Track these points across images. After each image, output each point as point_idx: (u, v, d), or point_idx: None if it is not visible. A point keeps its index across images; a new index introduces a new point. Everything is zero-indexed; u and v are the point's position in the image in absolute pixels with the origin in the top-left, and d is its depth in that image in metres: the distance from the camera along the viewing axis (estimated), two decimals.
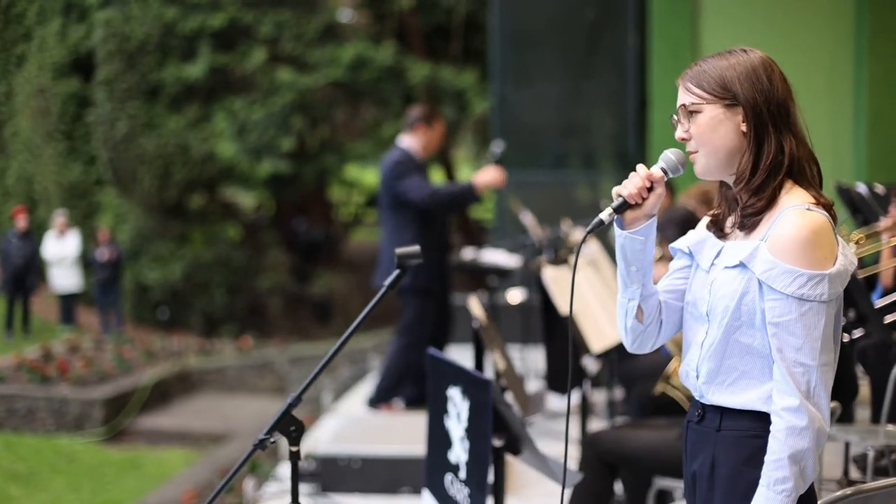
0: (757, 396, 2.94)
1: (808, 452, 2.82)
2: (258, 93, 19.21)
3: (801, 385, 2.83)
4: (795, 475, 2.83)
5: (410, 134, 8.96)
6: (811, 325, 2.84)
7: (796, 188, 2.95)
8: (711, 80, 2.99)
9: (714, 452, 3.02)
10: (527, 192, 14.24)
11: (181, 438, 14.63)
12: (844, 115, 13.00)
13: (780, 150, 2.93)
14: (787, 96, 2.97)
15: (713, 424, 3.03)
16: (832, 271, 2.83)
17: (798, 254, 2.84)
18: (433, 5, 21.66)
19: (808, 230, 2.84)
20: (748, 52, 3.01)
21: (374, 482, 7.36)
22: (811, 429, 2.82)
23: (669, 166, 3.07)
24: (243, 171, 19.75)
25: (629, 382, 7.32)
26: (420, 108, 9.23)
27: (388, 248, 9.02)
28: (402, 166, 8.75)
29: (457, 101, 20.19)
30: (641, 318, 3.15)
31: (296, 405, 3.30)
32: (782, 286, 2.85)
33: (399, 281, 3.41)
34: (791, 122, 2.95)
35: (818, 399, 2.84)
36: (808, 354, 2.84)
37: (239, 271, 19.96)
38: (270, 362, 17.41)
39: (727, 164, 3.00)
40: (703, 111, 3.00)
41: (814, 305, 2.83)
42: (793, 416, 2.83)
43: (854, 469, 6.86)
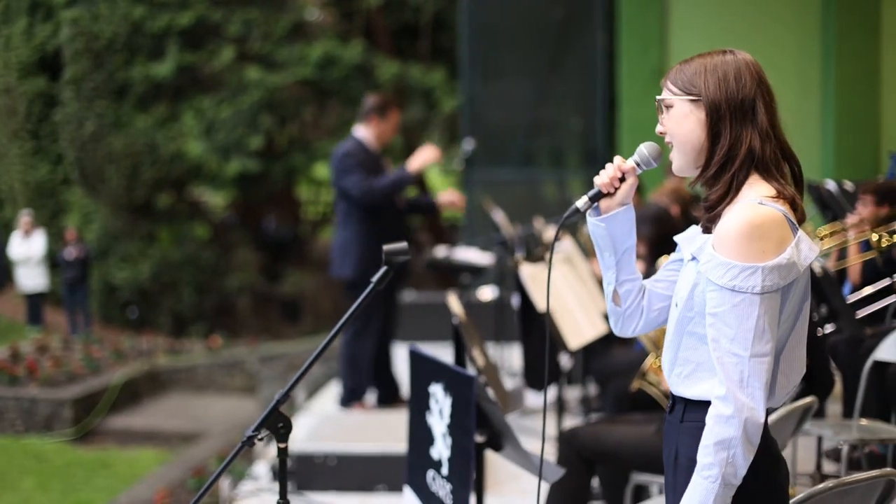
0: (712, 387, 2.97)
1: (736, 441, 2.85)
2: (226, 91, 19.16)
3: (733, 375, 2.87)
4: (721, 462, 2.86)
5: (364, 124, 8.94)
6: (744, 316, 2.87)
7: (760, 182, 2.99)
8: (684, 77, 3.08)
9: (677, 442, 3.09)
10: (495, 190, 14.27)
11: (151, 438, 14.60)
12: (812, 114, 13.09)
13: (737, 143, 2.99)
14: (757, 96, 3.02)
15: (678, 415, 3.10)
16: (768, 264, 2.86)
17: (733, 246, 2.89)
18: (401, 3, 21.65)
19: (748, 223, 2.88)
20: (730, 54, 3.08)
21: (349, 480, 7.37)
22: (738, 418, 2.84)
23: (641, 159, 3.19)
24: (211, 170, 19.70)
25: (604, 379, 7.36)
26: (374, 97, 9.14)
27: (338, 238, 9.05)
28: (348, 160, 8.74)
29: (425, 99, 20.20)
30: (619, 302, 3.27)
31: (284, 401, 3.31)
32: (716, 277, 2.90)
33: (387, 278, 3.42)
34: (756, 121, 3.00)
35: (752, 389, 2.86)
36: (740, 345, 2.87)
37: (207, 270, 19.91)
38: (240, 361, 17.37)
39: (695, 158, 3.07)
40: (674, 106, 3.09)
41: (746, 297, 2.86)
42: (721, 405, 2.87)
43: (827, 463, 6.93)
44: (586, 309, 6.87)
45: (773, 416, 4.26)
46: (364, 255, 8.77)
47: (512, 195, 14.78)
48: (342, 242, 8.95)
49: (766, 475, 3.01)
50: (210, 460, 11.95)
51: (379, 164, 8.95)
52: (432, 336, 10.68)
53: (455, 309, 5.32)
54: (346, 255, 8.89)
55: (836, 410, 7.65)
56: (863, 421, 6.44)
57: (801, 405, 4.61)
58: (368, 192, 8.65)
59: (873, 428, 6.30)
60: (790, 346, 3.04)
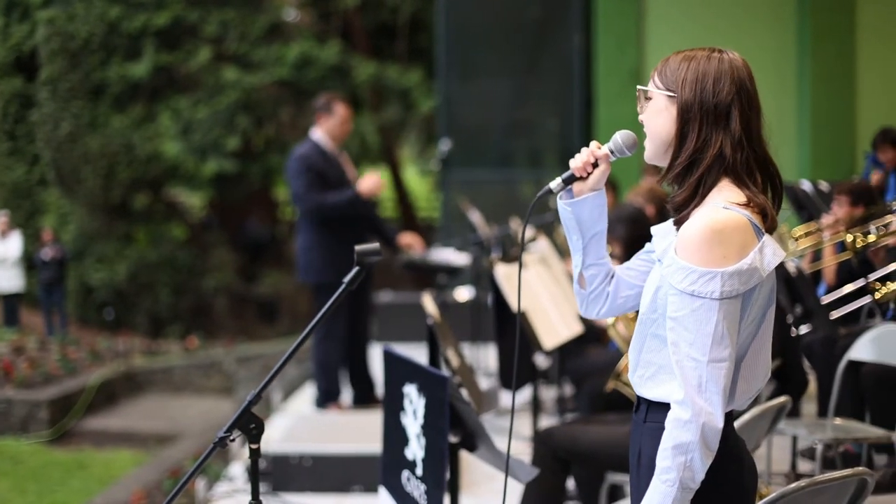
0: (673, 390, 2.96)
1: (693, 446, 2.85)
2: (203, 92, 19.13)
3: (692, 379, 2.86)
4: (679, 467, 2.86)
5: (316, 125, 8.97)
6: (702, 321, 2.86)
7: (730, 187, 2.98)
8: (668, 72, 3.07)
9: (640, 442, 3.09)
10: (472, 190, 14.28)
11: (128, 439, 14.55)
12: (788, 114, 13.14)
13: (704, 147, 2.98)
14: (734, 102, 2.99)
15: (642, 415, 3.10)
16: (728, 269, 2.85)
17: (694, 251, 2.88)
18: (378, 4, 21.65)
19: (709, 228, 2.87)
20: (717, 53, 3.06)
21: (325, 481, 7.36)
22: (696, 423, 2.84)
23: (616, 147, 3.21)
24: (188, 171, 19.67)
25: (579, 379, 7.37)
26: (320, 97, 9.17)
27: (299, 242, 9.06)
28: (300, 162, 8.75)
29: (402, 99, 20.20)
30: (584, 285, 3.29)
31: (256, 402, 3.31)
32: (676, 282, 2.89)
33: (359, 278, 3.42)
34: (728, 127, 2.99)
35: (709, 394, 2.85)
36: (699, 350, 2.86)
37: (184, 271, 19.87)
38: (217, 362, 17.34)
39: (663, 151, 3.08)
40: (653, 98, 3.10)
41: (705, 302, 2.85)
42: (679, 409, 2.87)
43: (802, 462, 6.95)
44: (561, 309, 6.87)
45: (745, 416, 4.27)
46: (325, 258, 8.79)
47: (489, 195, 14.80)
48: (304, 247, 8.98)
49: (730, 479, 3.01)
50: (186, 461, 11.93)
51: (337, 165, 8.94)
52: (409, 337, 10.69)
53: (429, 309, 5.32)
54: (308, 260, 8.91)
55: (810, 410, 7.68)
56: (837, 420, 6.46)
57: (775, 404, 4.62)
58: (317, 207, 8.70)
59: (848, 427, 6.32)
60: (753, 352, 3.03)
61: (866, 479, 3.40)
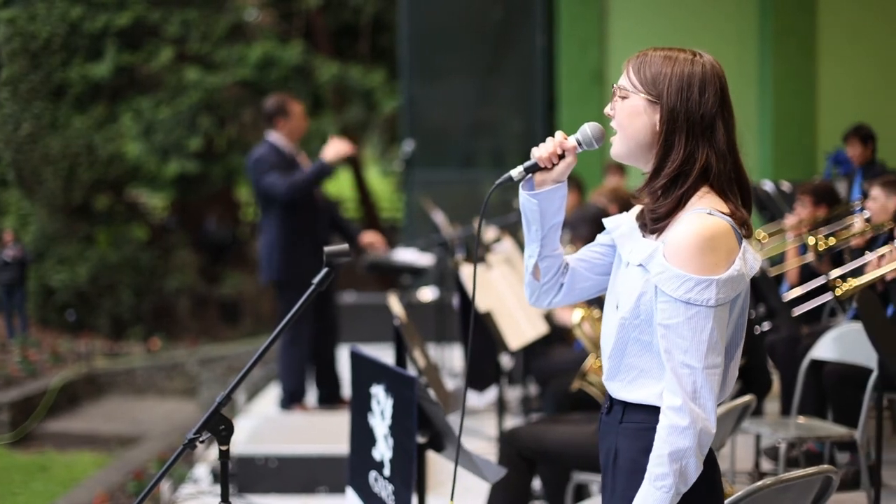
0: (654, 392, 3.00)
1: (690, 452, 2.87)
2: (165, 92, 19.04)
3: (687, 386, 2.87)
4: (675, 473, 2.88)
5: (273, 129, 8.97)
6: (698, 329, 2.88)
7: (711, 195, 2.98)
8: (648, 72, 3.03)
9: (616, 443, 3.09)
10: (435, 191, 14.28)
11: (90, 442, 14.48)
12: (750, 115, 13.21)
13: (690, 159, 2.97)
14: (718, 114, 2.99)
15: (617, 417, 3.10)
16: (722, 277, 2.87)
17: (687, 258, 2.88)
18: (341, 4, 21.62)
19: (700, 236, 2.88)
20: (699, 57, 3.05)
21: (291, 482, 7.36)
22: (693, 429, 2.86)
23: (584, 139, 3.15)
24: (150, 172, 19.57)
25: (544, 379, 7.39)
26: (271, 100, 9.13)
27: (263, 243, 9.07)
28: (260, 164, 8.77)
29: (365, 100, 20.19)
30: (538, 276, 3.26)
31: (225, 404, 3.30)
32: (671, 290, 2.89)
33: (328, 279, 3.42)
34: (714, 138, 2.98)
35: (704, 401, 2.88)
36: (694, 357, 2.87)
37: (146, 272, 19.77)
38: (180, 364, 17.28)
39: (638, 153, 3.06)
40: (629, 98, 3.05)
41: (701, 310, 2.87)
42: (676, 416, 2.88)
43: (765, 461, 6.99)
44: (526, 309, 6.89)
45: None
46: (286, 257, 8.80)
47: (452, 196, 14.80)
48: (266, 246, 8.98)
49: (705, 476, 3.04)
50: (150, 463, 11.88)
51: (295, 164, 8.95)
52: (373, 337, 10.68)
53: (396, 310, 5.33)
54: (269, 259, 8.92)
55: (773, 408, 7.73)
56: (800, 419, 6.51)
57: (740, 403, 4.65)
58: (290, 187, 8.68)
59: (810, 426, 6.37)
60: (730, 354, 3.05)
61: (831, 477, 3.43)
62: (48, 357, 17.10)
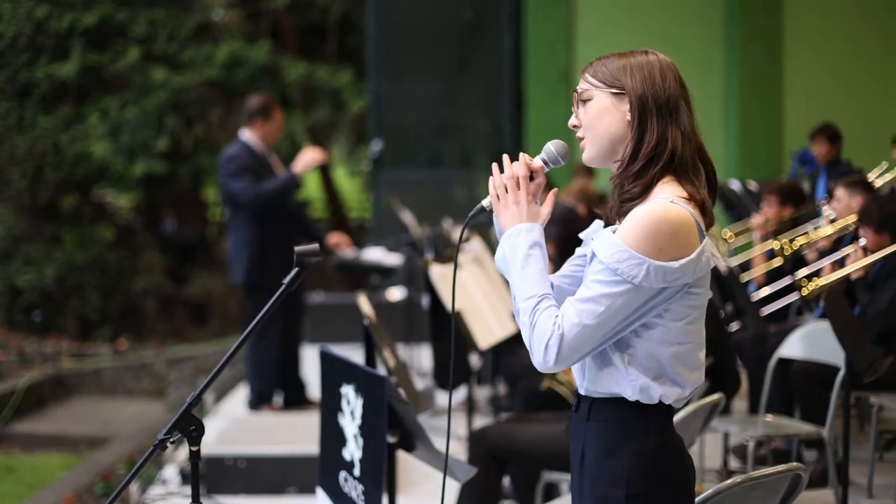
0: (616, 384, 3.03)
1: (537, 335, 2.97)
2: (132, 92, 18.95)
3: (570, 317, 2.93)
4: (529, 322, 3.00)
5: (249, 127, 8.95)
6: (606, 294, 2.91)
7: (673, 183, 3.01)
8: (607, 70, 3.08)
9: (584, 441, 3.11)
10: (403, 191, 14.31)
11: (58, 443, 14.39)
12: (716, 114, 13.28)
13: (662, 140, 3.01)
14: (680, 95, 3.04)
15: (584, 414, 3.12)
16: (656, 263, 2.89)
17: (631, 233, 2.91)
18: (308, 4, 21.57)
19: (656, 217, 2.91)
20: (650, 54, 3.10)
21: (260, 482, 7.35)
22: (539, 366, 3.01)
23: (549, 157, 3.18)
24: (117, 172, 19.48)
25: (513, 378, 7.40)
26: (257, 99, 9.13)
27: (232, 244, 9.05)
28: (232, 163, 8.76)
29: (333, 100, 20.15)
30: None
31: (196, 404, 3.31)
32: (603, 255, 2.92)
33: (299, 279, 3.42)
34: (678, 119, 3.02)
35: (564, 351, 2.94)
36: (587, 315, 2.92)
37: (113, 273, 19.68)
38: (147, 364, 17.21)
39: (611, 151, 3.08)
40: (594, 98, 3.08)
41: (622, 281, 2.89)
42: (540, 352, 3.00)
43: (733, 459, 7.03)
44: (496, 309, 6.91)
45: (680, 414, 4.32)
46: (254, 258, 8.79)
47: (420, 196, 14.82)
48: (233, 247, 8.97)
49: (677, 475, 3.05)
50: (118, 465, 11.83)
51: (266, 165, 8.95)
52: (341, 338, 10.69)
53: (365, 310, 5.33)
54: (237, 260, 8.90)
55: (741, 407, 7.77)
56: (768, 417, 6.55)
57: (709, 402, 4.67)
58: (256, 197, 8.68)
59: (778, 424, 6.41)
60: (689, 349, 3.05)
61: (800, 475, 3.45)
62: (15, 358, 16.99)
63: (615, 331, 2.95)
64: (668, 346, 3.00)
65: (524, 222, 3.08)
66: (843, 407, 5.58)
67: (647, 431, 3.02)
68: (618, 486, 3.02)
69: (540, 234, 3.09)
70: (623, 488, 3.01)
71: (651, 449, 3.02)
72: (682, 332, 3.01)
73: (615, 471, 3.03)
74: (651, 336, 2.99)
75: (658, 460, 3.02)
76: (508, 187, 3.11)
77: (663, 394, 3.01)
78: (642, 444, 3.02)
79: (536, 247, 3.06)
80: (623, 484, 3.01)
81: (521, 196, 3.10)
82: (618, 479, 3.02)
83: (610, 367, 3.04)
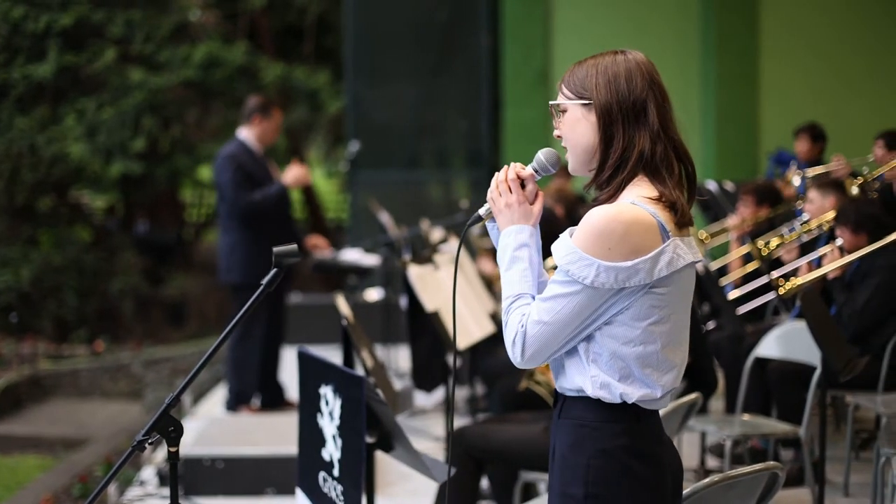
0: (580, 378, 3.05)
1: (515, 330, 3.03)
2: (109, 93, 18.88)
3: (532, 315, 3.00)
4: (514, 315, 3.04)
5: (247, 126, 8.98)
6: (563, 294, 2.97)
7: (643, 183, 3.04)
8: (576, 81, 3.11)
9: (556, 438, 3.15)
10: (381, 192, 14.30)
11: (35, 445, 14.35)
12: (693, 114, 13.32)
13: (630, 146, 3.03)
14: (648, 97, 3.05)
15: (558, 412, 3.15)
16: (608, 264, 2.92)
17: (583, 236, 2.96)
18: (285, 5, 21.54)
19: (607, 219, 2.94)
20: (622, 55, 3.11)
21: (238, 484, 7.33)
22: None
23: (539, 166, 3.21)
24: (94, 173, 19.40)
25: (491, 379, 7.41)
26: (256, 98, 9.22)
27: (222, 242, 9.05)
28: (230, 161, 8.79)
29: (310, 101, 20.11)
30: None
31: (174, 405, 3.31)
32: (558, 257, 2.98)
33: (277, 280, 3.43)
34: (646, 120, 3.04)
35: (527, 344, 3.01)
36: (545, 313, 2.98)
37: (90, 274, 19.61)
38: (124, 365, 17.17)
39: (587, 160, 3.12)
40: (568, 110, 3.13)
41: (574, 283, 2.95)
42: (512, 345, 3.06)
43: (711, 458, 7.06)
44: (473, 309, 6.92)
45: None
46: (250, 258, 8.77)
47: (397, 197, 14.83)
48: (227, 246, 8.95)
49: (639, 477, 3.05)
50: (96, 466, 11.80)
51: (263, 165, 8.96)
52: (318, 339, 10.68)
53: (343, 311, 5.33)
54: (232, 260, 8.89)
55: (718, 406, 7.80)
56: (745, 416, 6.58)
57: (686, 402, 4.69)
58: (248, 206, 8.70)
59: (755, 423, 6.44)
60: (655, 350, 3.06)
61: (777, 474, 3.47)
62: None
63: (579, 329, 3.00)
64: (633, 345, 3.01)
65: (515, 224, 3.15)
66: (820, 406, 5.60)
67: (614, 431, 3.04)
68: (578, 485, 3.04)
69: (530, 235, 3.15)
70: (582, 487, 3.03)
71: (615, 448, 3.03)
72: (647, 333, 3.02)
73: (577, 468, 3.04)
74: (615, 334, 3.01)
75: (622, 461, 3.02)
76: (501, 191, 3.17)
77: (624, 392, 3.02)
78: (607, 444, 3.03)
79: (523, 248, 3.12)
80: (582, 483, 3.03)
81: (513, 199, 3.16)
82: (578, 478, 3.04)
83: (576, 361, 3.07)
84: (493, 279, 8.05)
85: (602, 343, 3.02)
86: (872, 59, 13.55)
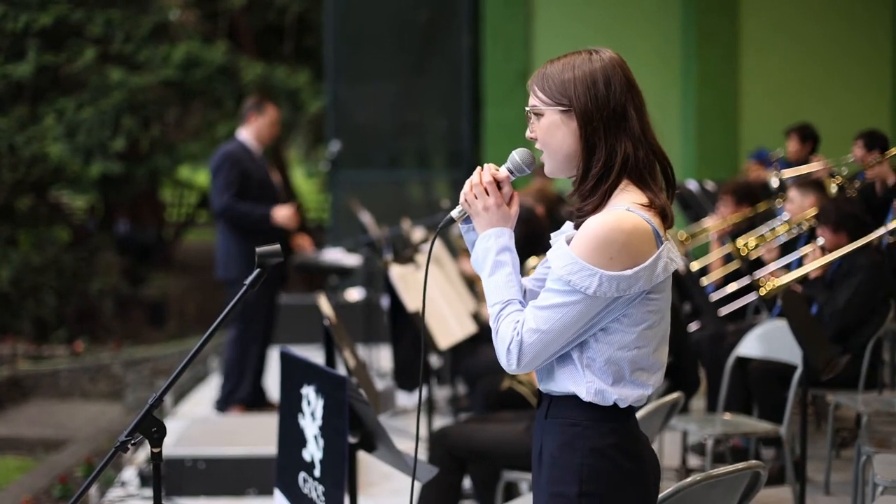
0: (573, 383, 3.05)
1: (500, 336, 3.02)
2: (88, 93, 18.82)
3: (529, 323, 2.98)
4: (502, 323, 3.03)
5: (245, 125, 9.06)
6: (560, 304, 2.95)
7: (631, 189, 3.03)
8: (552, 84, 3.08)
9: (542, 439, 3.14)
10: (362, 192, 14.28)
11: (14, 446, 14.29)
12: (673, 114, 13.34)
13: (612, 155, 3.01)
14: (627, 101, 3.03)
15: (544, 412, 3.15)
16: (608, 273, 2.91)
17: (584, 245, 2.94)
18: (265, 4, 21.51)
19: (608, 227, 2.93)
20: (595, 54, 3.08)
21: (219, 484, 7.31)
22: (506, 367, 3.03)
23: (514, 167, 3.18)
24: (73, 173, 19.34)
25: (473, 378, 7.41)
26: (251, 98, 9.44)
27: (220, 241, 9.06)
28: (224, 159, 8.86)
29: (290, 100, 20.08)
30: None
31: (157, 406, 3.29)
32: (557, 266, 2.96)
33: (260, 280, 3.42)
34: (628, 125, 3.02)
35: (524, 354, 2.99)
36: (542, 321, 2.96)
37: (69, 274, 19.55)
38: (104, 366, 17.11)
39: (567, 165, 3.10)
40: (545, 114, 3.09)
41: (575, 292, 2.93)
42: (504, 354, 3.02)
43: (692, 457, 7.07)
44: (455, 309, 6.91)
45: (640, 413, 4.33)
46: (242, 256, 8.79)
47: (378, 196, 14.80)
48: (222, 244, 8.96)
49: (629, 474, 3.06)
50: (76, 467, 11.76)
51: (262, 165, 9.02)
52: (299, 339, 10.67)
53: (325, 310, 5.33)
54: (228, 257, 8.91)
55: (700, 405, 7.82)
56: (726, 415, 6.59)
57: (668, 401, 4.70)
58: (226, 206, 8.74)
59: (736, 422, 6.45)
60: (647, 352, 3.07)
61: (759, 473, 3.47)
62: None
63: (575, 336, 2.99)
64: (628, 350, 3.02)
65: (494, 227, 3.13)
66: (801, 405, 5.62)
67: (604, 430, 3.05)
68: (571, 484, 3.04)
69: (510, 238, 3.13)
70: (576, 485, 3.03)
71: (606, 447, 3.04)
72: (642, 337, 3.03)
73: (569, 468, 3.05)
74: (611, 340, 3.01)
75: (613, 459, 3.03)
76: (477, 194, 3.14)
77: (619, 398, 3.03)
78: (598, 443, 3.04)
79: (505, 251, 3.11)
80: (576, 481, 3.03)
81: (491, 202, 3.13)
82: (571, 477, 3.04)
83: (569, 367, 3.06)
84: (475, 279, 8.05)
85: (597, 349, 3.02)
86: (854, 59, 13.59)
